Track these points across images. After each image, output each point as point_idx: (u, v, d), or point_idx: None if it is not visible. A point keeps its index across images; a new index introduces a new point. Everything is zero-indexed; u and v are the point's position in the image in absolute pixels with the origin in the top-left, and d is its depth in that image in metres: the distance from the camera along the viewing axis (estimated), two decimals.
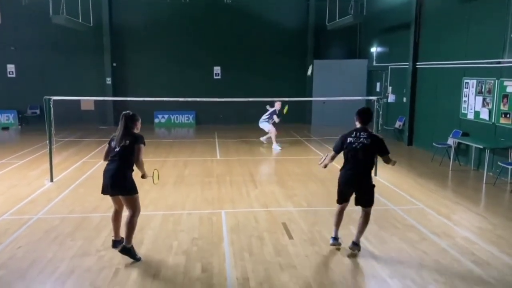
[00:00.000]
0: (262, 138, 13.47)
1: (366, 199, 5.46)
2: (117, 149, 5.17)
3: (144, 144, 5.26)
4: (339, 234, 5.63)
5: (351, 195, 5.53)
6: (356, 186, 5.44)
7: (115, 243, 5.49)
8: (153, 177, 5.37)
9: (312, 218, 6.75)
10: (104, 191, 5.28)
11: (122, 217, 5.46)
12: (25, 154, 11.62)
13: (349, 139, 5.37)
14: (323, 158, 5.68)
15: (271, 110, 13.13)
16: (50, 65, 17.47)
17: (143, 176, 5.35)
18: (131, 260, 5.19)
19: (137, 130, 5.35)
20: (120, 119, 5.29)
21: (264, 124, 13.14)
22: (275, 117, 13.00)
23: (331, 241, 5.60)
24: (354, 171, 5.35)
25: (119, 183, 5.12)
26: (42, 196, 7.84)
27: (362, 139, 5.31)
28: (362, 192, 5.45)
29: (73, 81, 17.26)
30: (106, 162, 5.30)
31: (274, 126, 13.01)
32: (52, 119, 8.67)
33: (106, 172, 5.22)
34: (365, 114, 5.50)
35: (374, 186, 5.49)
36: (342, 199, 5.56)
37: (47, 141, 8.87)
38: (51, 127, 8.69)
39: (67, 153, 11.82)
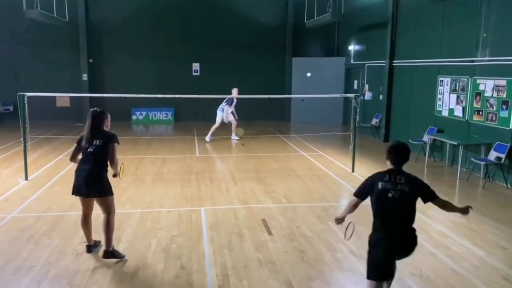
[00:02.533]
0: (234, 137, 13.53)
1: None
2: (90, 149, 4.97)
3: (118, 143, 5.11)
4: None
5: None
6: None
7: (89, 248, 5.31)
8: (119, 171, 5.12)
9: (291, 214, 6.80)
10: (76, 193, 5.03)
11: (95, 221, 5.33)
12: None
13: (380, 184, 3.72)
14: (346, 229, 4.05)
15: (228, 98, 13.04)
16: (24, 60, 17.01)
17: (114, 175, 5.10)
18: (110, 259, 5.13)
19: (106, 127, 5.15)
20: (88, 117, 5.08)
21: (218, 113, 13.21)
22: (229, 106, 13.09)
23: None
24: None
25: (96, 185, 4.96)
26: (17, 195, 7.67)
27: (399, 185, 3.70)
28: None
29: (48, 77, 16.85)
30: (73, 163, 5.14)
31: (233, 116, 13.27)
32: (26, 116, 8.47)
33: (79, 172, 5.01)
34: (401, 153, 3.81)
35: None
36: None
37: (21, 139, 8.66)
38: (25, 124, 8.49)
39: (42, 151, 11.58)
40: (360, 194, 3.96)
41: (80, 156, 5.13)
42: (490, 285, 4.66)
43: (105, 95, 12.23)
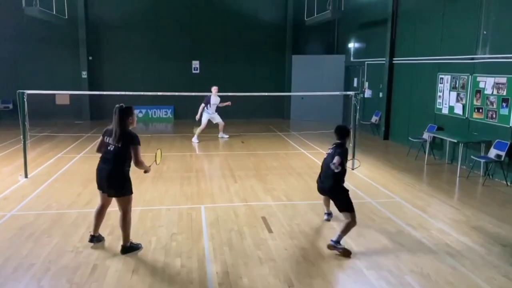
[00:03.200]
0: (222, 135, 13.46)
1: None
2: (110, 148, 5.04)
3: (140, 144, 5.11)
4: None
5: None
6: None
7: (92, 238, 5.44)
8: (156, 157, 5.41)
9: (291, 212, 6.80)
10: (99, 188, 5.23)
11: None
12: None
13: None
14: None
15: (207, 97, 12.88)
16: (24, 58, 16.98)
17: (146, 171, 5.33)
18: (109, 256, 5.14)
19: (132, 124, 5.20)
20: (114, 113, 5.07)
21: (206, 112, 13.04)
22: (209, 105, 12.88)
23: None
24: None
25: (115, 185, 5.08)
26: (16, 193, 7.66)
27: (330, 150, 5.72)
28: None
29: (47, 75, 16.84)
30: (99, 154, 5.23)
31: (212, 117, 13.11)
32: (26, 114, 8.46)
33: (100, 171, 5.14)
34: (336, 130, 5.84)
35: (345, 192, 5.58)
36: None
37: (21, 136, 8.65)
38: (25, 122, 8.47)
39: (42, 149, 11.56)
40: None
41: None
42: (490, 282, 4.66)
43: (104, 92, 12.23)
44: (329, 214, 6.41)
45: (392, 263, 5.07)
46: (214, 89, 12.80)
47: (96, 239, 5.43)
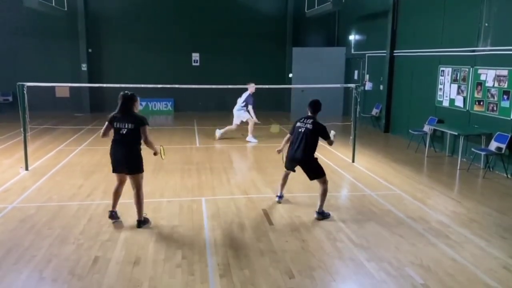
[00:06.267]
0: (218, 132, 12.10)
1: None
2: (123, 131, 5.53)
3: (148, 124, 5.66)
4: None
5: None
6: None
7: (111, 213, 5.93)
8: (160, 153, 5.87)
9: (291, 204, 6.81)
10: (115, 170, 5.73)
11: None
12: None
13: (298, 124, 6.38)
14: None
15: (245, 94, 11.84)
16: (23, 50, 16.92)
17: (155, 153, 5.84)
18: (110, 248, 5.16)
19: (136, 109, 5.68)
20: (119, 99, 5.58)
21: (240, 112, 11.87)
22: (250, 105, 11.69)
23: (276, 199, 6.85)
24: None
25: (130, 164, 5.62)
26: (17, 185, 7.67)
27: (307, 125, 6.27)
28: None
29: (47, 67, 16.80)
30: (104, 138, 5.79)
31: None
32: (26, 106, 8.44)
33: (115, 153, 5.64)
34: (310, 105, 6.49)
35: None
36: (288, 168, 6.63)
37: (21, 129, 8.64)
38: (25, 114, 8.46)
39: (42, 141, 11.56)
40: (291, 131, 6.49)
41: (111, 134, 5.70)
42: (490, 274, 4.68)
43: (104, 85, 12.21)
44: (281, 197, 6.91)
45: (392, 255, 5.09)
46: (253, 86, 11.62)
47: (115, 214, 5.94)
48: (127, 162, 5.62)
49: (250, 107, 11.84)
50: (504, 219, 6.34)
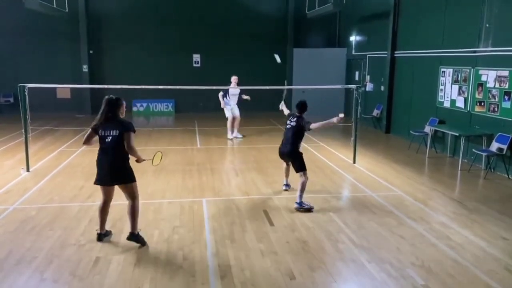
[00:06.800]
0: (237, 135, 12.44)
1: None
2: (108, 139, 5.05)
3: (134, 131, 5.17)
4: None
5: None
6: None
7: (100, 236, 5.39)
8: (153, 158, 5.32)
9: (292, 205, 6.80)
10: (101, 182, 5.19)
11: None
12: None
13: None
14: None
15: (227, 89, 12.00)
16: (24, 52, 16.94)
17: (137, 161, 5.24)
18: (112, 249, 5.16)
19: (122, 115, 5.23)
20: (103, 105, 5.11)
21: (226, 107, 12.17)
22: (229, 97, 12.05)
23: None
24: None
25: (119, 174, 5.13)
26: (18, 186, 7.68)
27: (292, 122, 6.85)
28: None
29: (48, 68, 16.82)
30: (85, 146, 5.38)
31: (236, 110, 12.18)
32: (27, 108, 8.46)
33: (101, 162, 5.15)
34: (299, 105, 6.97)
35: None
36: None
37: (22, 130, 8.65)
38: (26, 116, 8.47)
39: (43, 142, 11.58)
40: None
41: (95, 141, 5.21)
42: (491, 275, 4.67)
43: (105, 86, 12.19)
44: (287, 185, 7.54)
45: (393, 256, 5.08)
46: (234, 79, 12.00)
47: (103, 235, 5.41)
48: (116, 172, 5.11)
49: (220, 94, 12.20)
50: (505, 220, 6.32)
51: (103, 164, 5.13)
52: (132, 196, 5.23)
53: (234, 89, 12.26)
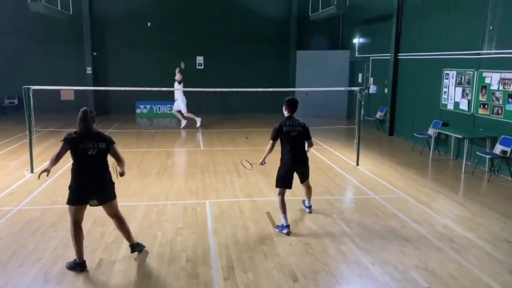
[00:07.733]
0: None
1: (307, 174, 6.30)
2: (92, 152, 4.61)
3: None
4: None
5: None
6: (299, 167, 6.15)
7: (82, 265, 4.75)
8: (114, 170, 4.90)
9: (295, 207, 6.80)
10: (80, 201, 4.72)
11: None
12: (4, 144, 11.38)
13: (285, 128, 5.95)
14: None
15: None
16: (28, 54, 17.04)
17: (122, 174, 4.86)
18: (115, 250, 5.18)
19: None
20: (82, 117, 4.63)
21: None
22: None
23: (285, 230, 5.77)
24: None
25: (108, 189, 4.80)
26: (22, 187, 7.72)
27: (296, 127, 6.01)
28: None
29: (52, 70, 16.91)
30: (54, 164, 4.73)
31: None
32: (31, 109, 8.49)
33: (87, 181, 4.67)
34: (294, 104, 6.13)
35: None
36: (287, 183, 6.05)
37: (27, 131, 8.70)
38: (30, 117, 8.51)
39: (47, 144, 11.62)
40: (274, 138, 5.99)
41: (65, 158, 4.75)
42: (495, 278, 4.66)
43: (109, 88, 12.26)
44: (310, 207, 6.60)
45: (397, 259, 5.07)
46: (179, 75, 13.54)
47: (84, 263, 4.76)
48: (101, 189, 4.72)
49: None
50: (509, 222, 6.30)
51: (89, 182, 4.66)
52: (116, 212, 4.95)
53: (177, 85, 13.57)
